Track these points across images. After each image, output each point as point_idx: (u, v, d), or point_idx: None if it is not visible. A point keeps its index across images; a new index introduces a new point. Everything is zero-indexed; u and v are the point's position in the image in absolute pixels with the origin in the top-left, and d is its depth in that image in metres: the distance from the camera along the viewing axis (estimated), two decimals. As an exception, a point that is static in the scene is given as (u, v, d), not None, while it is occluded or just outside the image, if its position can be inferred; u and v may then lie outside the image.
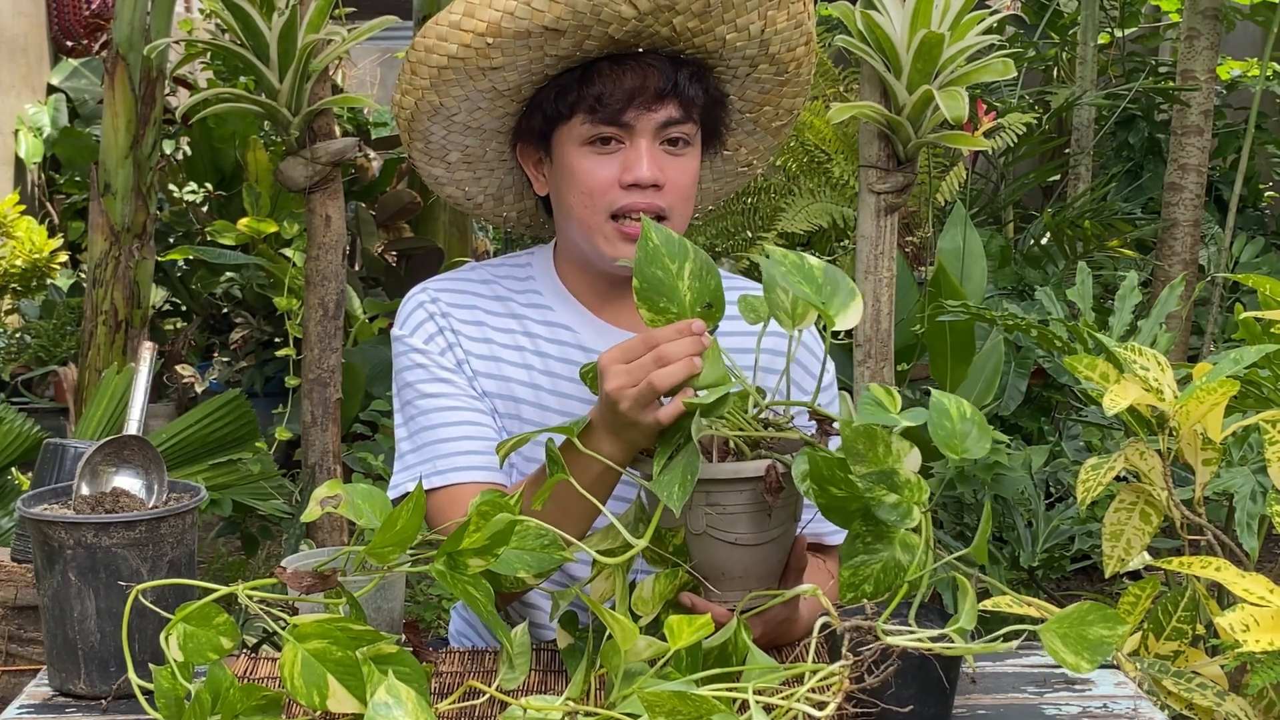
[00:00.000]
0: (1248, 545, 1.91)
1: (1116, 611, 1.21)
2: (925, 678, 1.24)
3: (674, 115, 1.58)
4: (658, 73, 1.56)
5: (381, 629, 1.34)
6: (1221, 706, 1.55)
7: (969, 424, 1.28)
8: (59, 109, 7.06)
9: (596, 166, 1.58)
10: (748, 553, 1.38)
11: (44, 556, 1.37)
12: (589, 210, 1.59)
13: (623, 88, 1.55)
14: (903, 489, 1.23)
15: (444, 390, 1.65)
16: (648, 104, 1.56)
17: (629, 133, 1.57)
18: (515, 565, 1.32)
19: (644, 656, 1.25)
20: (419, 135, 1.66)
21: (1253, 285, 1.86)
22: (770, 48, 1.61)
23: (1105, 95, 5.30)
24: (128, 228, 3.43)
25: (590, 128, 1.57)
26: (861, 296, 1.39)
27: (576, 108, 1.57)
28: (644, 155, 1.57)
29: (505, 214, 1.80)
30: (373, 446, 4.00)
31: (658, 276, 1.36)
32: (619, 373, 1.37)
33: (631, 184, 1.57)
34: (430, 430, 1.64)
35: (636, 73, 1.56)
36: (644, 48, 1.57)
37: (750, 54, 1.61)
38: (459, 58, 1.54)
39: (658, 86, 1.56)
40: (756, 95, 1.69)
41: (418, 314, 1.68)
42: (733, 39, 1.58)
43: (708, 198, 1.83)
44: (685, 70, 1.58)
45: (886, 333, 2.57)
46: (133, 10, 3.40)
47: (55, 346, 5.32)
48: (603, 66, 1.56)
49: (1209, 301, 4.59)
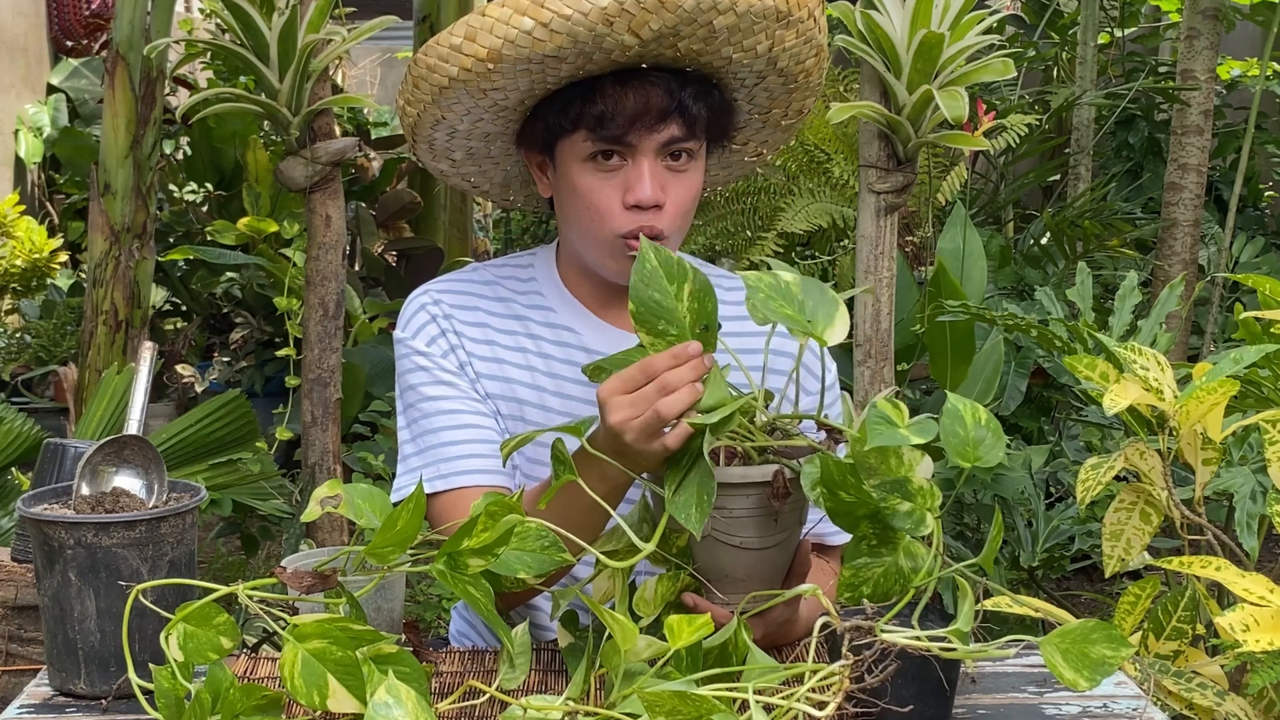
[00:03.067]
0: (1248, 545, 1.91)
1: (1122, 633, 1.20)
2: (925, 678, 1.24)
3: (676, 134, 1.55)
4: (661, 92, 1.54)
5: (382, 629, 1.34)
6: (1221, 706, 1.55)
7: (983, 430, 1.26)
8: (59, 109, 7.06)
9: (600, 184, 1.57)
10: (752, 556, 1.38)
11: (44, 556, 1.38)
12: (595, 226, 1.58)
13: (625, 108, 1.53)
14: (916, 496, 1.23)
15: (446, 393, 1.64)
16: (650, 124, 1.54)
17: (631, 151, 1.55)
18: (515, 566, 1.32)
19: (644, 657, 1.25)
20: (424, 139, 1.66)
21: (1253, 285, 1.86)
22: (779, 63, 1.59)
23: (1105, 95, 5.30)
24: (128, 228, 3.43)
25: (592, 145, 1.56)
26: (843, 304, 1.37)
27: (579, 124, 1.55)
28: (645, 175, 1.55)
29: (512, 198, 1.80)
30: (373, 446, 4.00)
31: (655, 299, 1.34)
32: (622, 404, 1.35)
33: (633, 205, 1.56)
34: (433, 433, 1.63)
35: (640, 93, 1.53)
36: (648, 64, 1.55)
37: (758, 69, 1.59)
38: (460, 80, 1.53)
39: (661, 107, 1.54)
40: (765, 101, 1.67)
41: (420, 316, 1.68)
42: (739, 58, 1.56)
43: (715, 183, 1.83)
44: (690, 89, 1.56)
45: (886, 333, 2.57)
46: (133, 10, 3.40)
47: (55, 346, 5.32)
48: (606, 85, 1.54)
49: (1209, 301, 4.59)
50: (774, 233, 3.95)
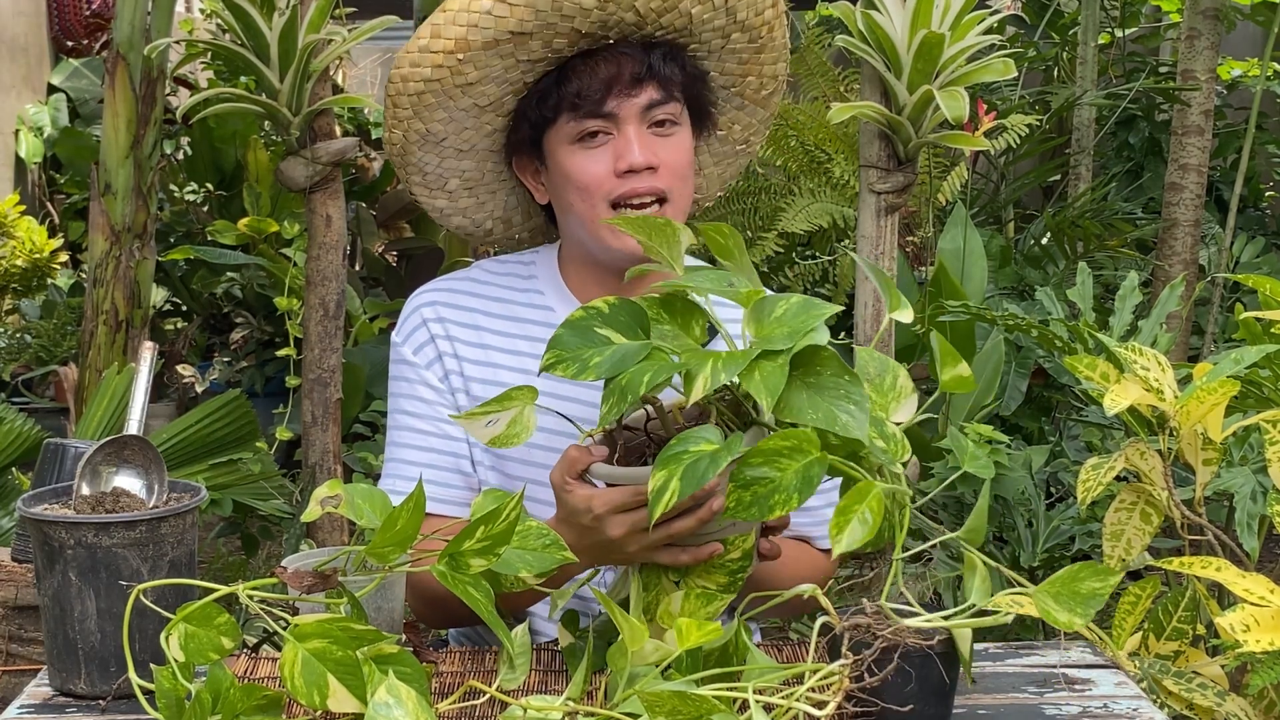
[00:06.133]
0: (1248, 545, 1.91)
1: (1109, 567, 1.23)
2: (925, 677, 1.24)
3: (655, 97, 1.59)
4: (631, 59, 1.58)
5: (382, 629, 1.34)
6: (1222, 706, 1.55)
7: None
8: (59, 109, 7.05)
9: (588, 162, 1.59)
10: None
11: (44, 556, 1.37)
12: (588, 205, 1.60)
13: (599, 78, 1.57)
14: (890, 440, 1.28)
15: (419, 410, 1.67)
16: (626, 90, 1.57)
17: (614, 123, 1.58)
18: (516, 565, 1.32)
19: (651, 660, 1.25)
20: (414, 168, 1.67)
21: (1253, 285, 1.86)
22: (738, 14, 1.62)
23: (1105, 95, 5.30)
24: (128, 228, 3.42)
25: (576, 125, 1.58)
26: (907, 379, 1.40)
27: (559, 108, 1.58)
28: (633, 140, 1.58)
29: (517, 235, 1.81)
30: (373, 446, 4.00)
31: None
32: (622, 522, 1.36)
33: (626, 170, 1.58)
34: (400, 448, 1.68)
35: (610, 62, 1.57)
36: (614, 38, 1.58)
37: (719, 24, 1.62)
38: (434, 79, 1.55)
39: (633, 71, 1.57)
40: (736, 67, 1.70)
41: (413, 320, 1.70)
42: (699, 12, 1.59)
43: (713, 183, 1.84)
44: (658, 51, 1.59)
45: (887, 333, 2.57)
46: (133, 10, 3.40)
47: (55, 346, 5.32)
48: (576, 63, 1.58)
49: (1209, 301, 4.59)
50: (774, 233, 3.95)
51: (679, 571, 1.38)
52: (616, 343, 1.30)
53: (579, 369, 1.29)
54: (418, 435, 1.67)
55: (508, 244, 1.82)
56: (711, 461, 1.22)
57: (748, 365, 1.21)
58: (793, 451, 1.22)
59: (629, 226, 1.40)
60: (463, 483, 1.67)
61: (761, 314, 1.27)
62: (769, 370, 1.21)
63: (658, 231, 1.39)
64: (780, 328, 1.24)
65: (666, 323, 1.32)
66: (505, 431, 1.40)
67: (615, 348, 1.30)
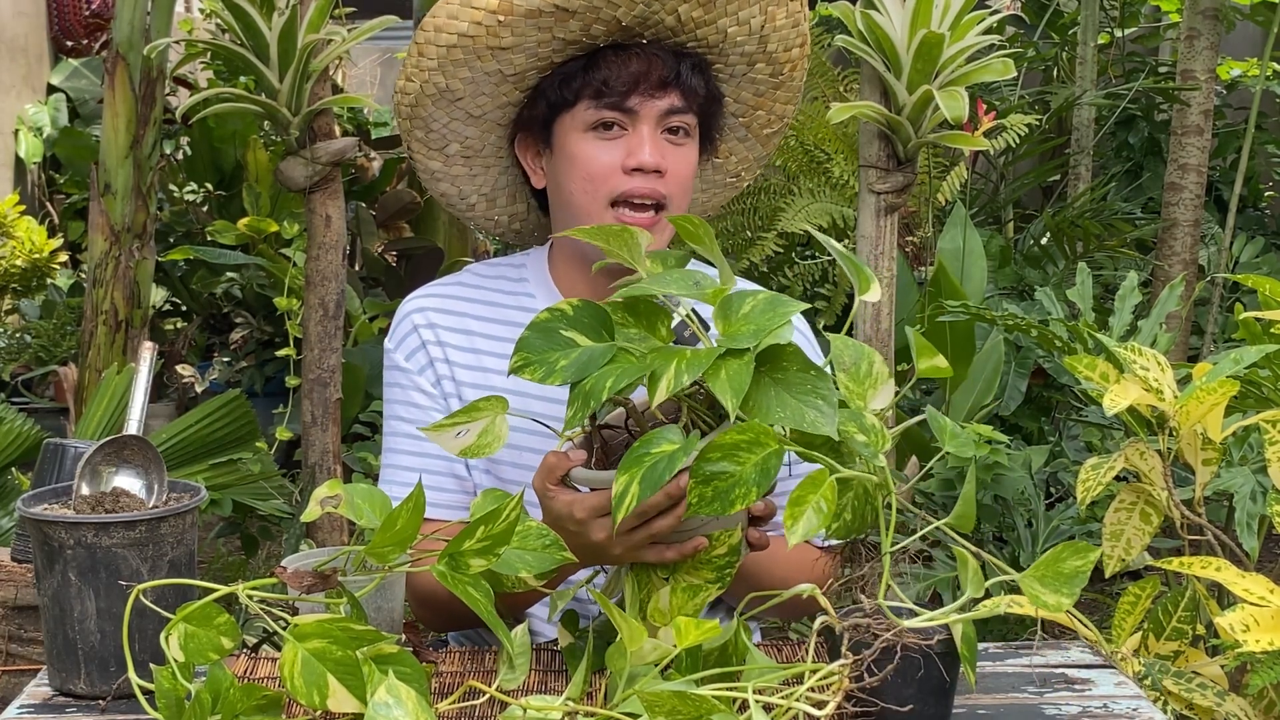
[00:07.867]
0: (1248, 545, 1.91)
1: (1088, 545, 1.24)
2: (925, 677, 1.24)
3: (676, 104, 1.60)
4: (661, 62, 1.59)
5: (382, 629, 1.34)
6: (1221, 706, 1.55)
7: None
8: (59, 109, 7.05)
9: (599, 151, 1.59)
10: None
11: (44, 556, 1.37)
12: (589, 196, 1.60)
13: (628, 71, 1.58)
14: (870, 433, 1.27)
15: (412, 415, 1.68)
16: (652, 90, 1.59)
17: (632, 119, 1.59)
18: (516, 565, 1.32)
19: (650, 659, 1.25)
20: (420, 123, 1.66)
21: (1253, 285, 1.86)
22: (768, 45, 1.64)
23: (1105, 95, 5.30)
24: (128, 228, 3.42)
25: (595, 112, 1.59)
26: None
27: (582, 93, 1.59)
28: (646, 140, 1.59)
29: (496, 217, 1.80)
30: (373, 446, 4.00)
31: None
32: (604, 525, 1.36)
33: (635, 168, 1.58)
34: (395, 454, 1.69)
35: (641, 60, 1.59)
36: (648, 38, 1.60)
37: (749, 50, 1.64)
38: (469, 35, 1.55)
39: (661, 75, 1.59)
40: (751, 98, 1.71)
41: (404, 326, 1.71)
42: (734, 32, 1.61)
43: (696, 209, 1.83)
44: (687, 61, 1.61)
45: (887, 332, 2.57)
46: (133, 10, 3.40)
47: (55, 346, 5.32)
48: (607, 53, 1.59)
49: (1209, 301, 4.59)
50: (774, 233, 3.95)
51: (668, 569, 1.38)
52: (582, 345, 1.29)
53: (545, 372, 1.29)
54: (412, 441, 1.67)
55: (485, 224, 1.81)
56: (669, 463, 1.22)
57: (713, 364, 1.21)
58: (751, 445, 1.21)
59: (586, 236, 1.40)
60: (458, 486, 1.67)
61: (729, 311, 1.27)
62: (734, 369, 1.21)
63: (615, 237, 1.37)
64: (747, 325, 1.24)
65: (631, 325, 1.31)
66: (476, 442, 1.39)
67: (580, 350, 1.29)
